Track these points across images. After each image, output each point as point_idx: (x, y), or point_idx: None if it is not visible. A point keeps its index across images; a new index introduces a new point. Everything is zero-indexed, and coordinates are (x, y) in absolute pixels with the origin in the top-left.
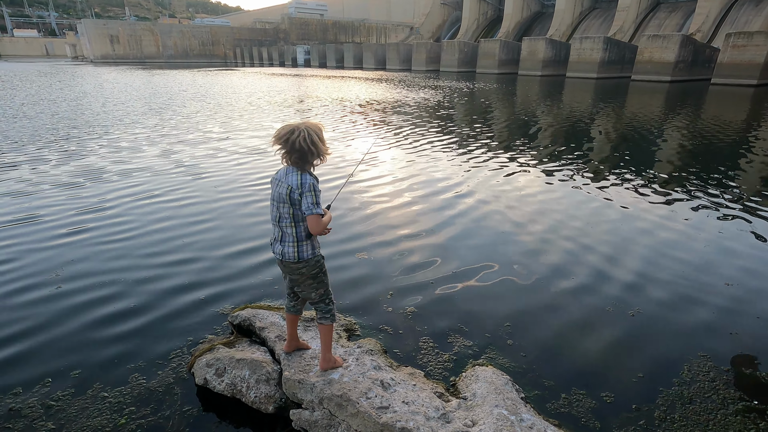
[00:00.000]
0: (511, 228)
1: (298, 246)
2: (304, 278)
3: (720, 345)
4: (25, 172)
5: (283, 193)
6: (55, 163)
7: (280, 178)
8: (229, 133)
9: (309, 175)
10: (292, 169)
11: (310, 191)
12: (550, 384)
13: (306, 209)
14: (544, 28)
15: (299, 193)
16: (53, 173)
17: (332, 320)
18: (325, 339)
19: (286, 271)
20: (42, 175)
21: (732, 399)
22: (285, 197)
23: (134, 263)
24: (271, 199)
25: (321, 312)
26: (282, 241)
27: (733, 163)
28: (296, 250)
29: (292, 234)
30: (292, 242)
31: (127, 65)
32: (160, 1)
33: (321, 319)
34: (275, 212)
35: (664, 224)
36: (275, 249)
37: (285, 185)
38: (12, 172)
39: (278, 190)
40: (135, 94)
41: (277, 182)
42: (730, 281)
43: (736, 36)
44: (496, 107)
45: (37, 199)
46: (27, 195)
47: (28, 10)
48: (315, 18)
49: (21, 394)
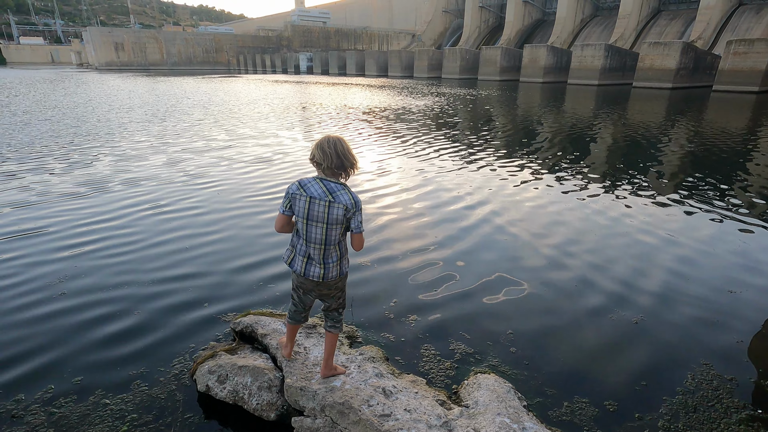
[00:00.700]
0: (516, 237)
1: (341, 263)
2: (337, 291)
3: (723, 353)
4: (28, 181)
5: (340, 215)
6: (58, 171)
7: (320, 196)
8: (234, 141)
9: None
10: (339, 186)
11: (360, 209)
12: (553, 392)
13: (357, 228)
14: (546, 36)
15: (353, 212)
16: (56, 183)
17: (341, 329)
18: (331, 347)
19: (319, 289)
20: (46, 184)
21: (735, 408)
22: (341, 218)
23: (136, 268)
24: (312, 220)
25: (333, 321)
26: (323, 264)
27: (744, 171)
28: (339, 268)
29: (337, 253)
30: (336, 261)
31: (131, 72)
32: (164, 9)
33: (331, 327)
34: (320, 234)
35: (670, 233)
36: (311, 271)
37: (340, 206)
38: (14, 180)
39: (329, 212)
40: (138, 101)
41: (318, 201)
42: (733, 289)
43: (738, 43)
44: (501, 114)
45: (41, 209)
46: (30, 206)
47: (35, 18)
48: (318, 26)
49: (23, 400)
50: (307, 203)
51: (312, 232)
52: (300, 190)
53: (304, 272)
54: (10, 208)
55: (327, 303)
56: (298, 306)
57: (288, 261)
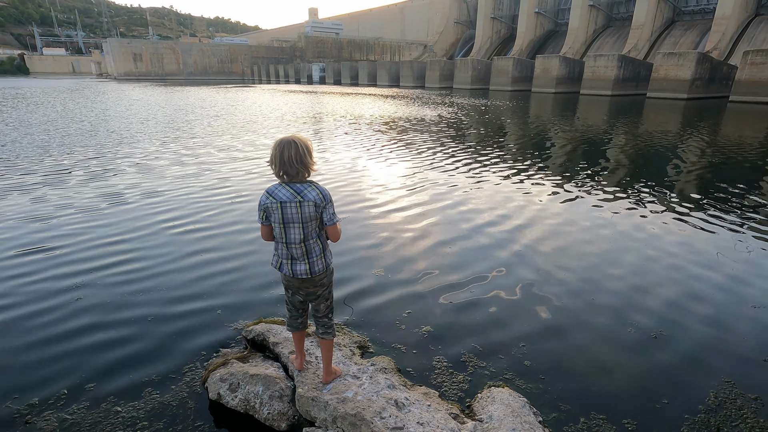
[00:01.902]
0: (531, 248)
1: (324, 257)
2: (323, 289)
3: (747, 371)
4: (42, 192)
5: (312, 211)
6: (75, 183)
7: (290, 199)
8: (254, 152)
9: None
10: (305, 185)
11: (330, 201)
12: (569, 407)
13: (329, 220)
14: (558, 46)
15: (324, 205)
16: (74, 195)
17: (334, 334)
18: (328, 353)
19: (305, 286)
20: (63, 197)
21: (761, 428)
22: (314, 215)
23: (150, 274)
24: (288, 222)
25: (324, 327)
26: (308, 260)
27: (758, 182)
28: (324, 262)
29: (319, 247)
30: (319, 255)
31: (148, 82)
32: (182, 21)
33: (324, 334)
34: (298, 234)
35: (687, 245)
36: (298, 269)
37: (310, 203)
38: (27, 194)
39: (302, 211)
40: (159, 110)
41: (289, 204)
42: (757, 305)
43: (754, 54)
44: (514, 124)
45: (54, 227)
46: (44, 220)
47: (58, 30)
48: (331, 36)
49: (37, 405)
50: (279, 209)
51: (290, 234)
52: (269, 198)
53: (292, 272)
54: (23, 221)
55: (315, 305)
56: (291, 311)
57: (277, 266)
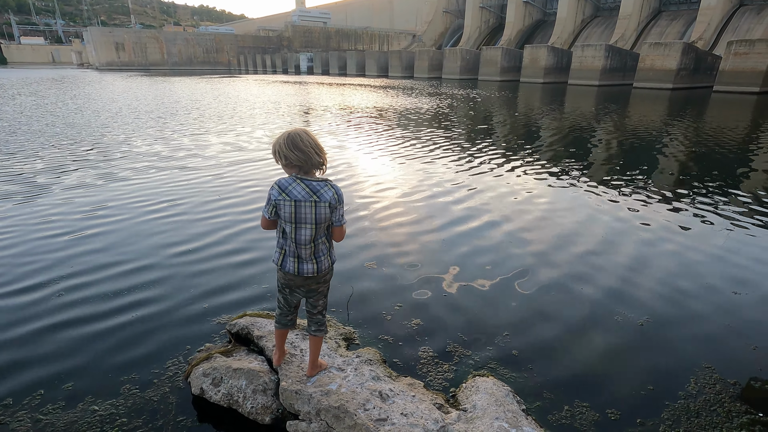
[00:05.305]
0: (517, 238)
1: (330, 253)
2: (324, 285)
3: (726, 357)
4: (21, 197)
5: (327, 213)
6: (65, 185)
7: (305, 198)
8: (237, 145)
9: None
10: (322, 183)
11: (342, 202)
12: (552, 396)
13: (338, 221)
14: (546, 36)
15: (335, 205)
16: (58, 192)
17: (326, 331)
18: (317, 349)
19: (308, 284)
20: (45, 196)
21: (737, 412)
22: (328, 216)
23: (131, 269)
24: (300, 222)
25: (317, 324)
26: (315, 259)
27: (743, 172)
28: (330, 260)
29: (326, 246)
30: (326, 254)
31: (131, 72)
32: (165, 9)
33: (317, 331)
34: (309, 234)
35: (673, 233)
36: (305, 269)
37: (325, 204)
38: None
39: (317, 212)
40: (144, 102)
41: (304, 203)
42: (737, 290)
43: (738, 44)
44: (502, 115)
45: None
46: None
47: (36, 18)
48: (318, 26)
49: (11, 406)
50: (293, 207)
51: (301, 234)
52: (282, 195)
53: (297, 271)
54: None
55: (312, 302)
56: (284, 308)
57: (278, 262)
